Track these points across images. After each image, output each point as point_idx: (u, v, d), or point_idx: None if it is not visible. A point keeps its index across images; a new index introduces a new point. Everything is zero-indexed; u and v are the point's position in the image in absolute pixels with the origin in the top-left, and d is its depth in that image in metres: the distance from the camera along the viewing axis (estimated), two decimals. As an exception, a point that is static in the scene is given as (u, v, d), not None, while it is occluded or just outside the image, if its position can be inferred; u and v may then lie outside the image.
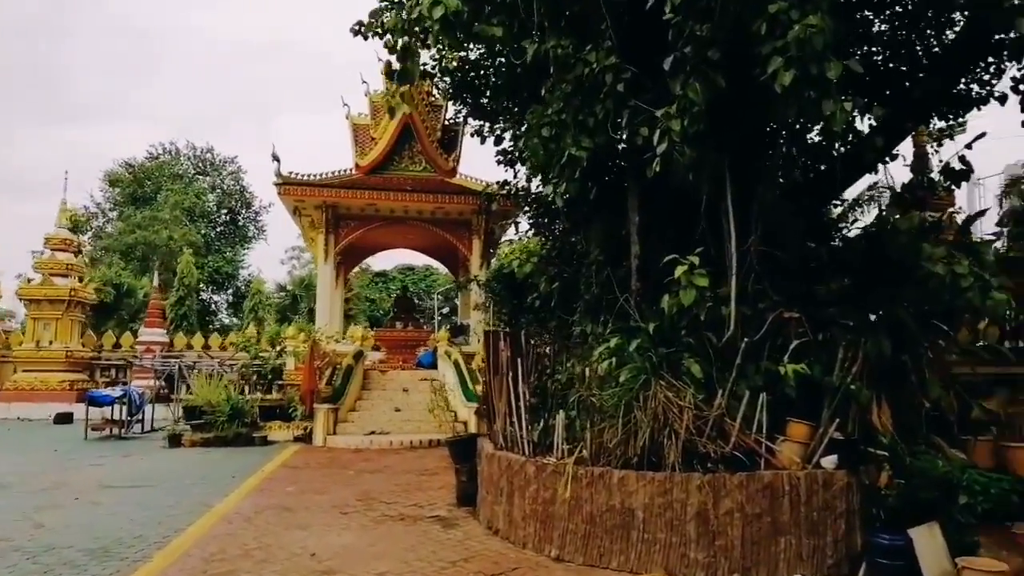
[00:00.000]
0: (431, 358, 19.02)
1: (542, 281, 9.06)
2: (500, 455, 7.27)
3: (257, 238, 58.31)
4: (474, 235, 19.14)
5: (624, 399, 6.03)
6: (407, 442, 13.87)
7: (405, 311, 21.46)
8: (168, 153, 56.65)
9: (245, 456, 12.99)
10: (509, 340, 7.82)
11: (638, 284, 7.94)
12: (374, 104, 19.72)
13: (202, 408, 15.16)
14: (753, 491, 5.67)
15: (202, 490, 9.55)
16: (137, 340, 22.95)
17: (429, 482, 10.11)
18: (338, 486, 9.82)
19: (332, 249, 18.54)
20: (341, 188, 17.73)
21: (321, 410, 14.60)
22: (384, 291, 54.39)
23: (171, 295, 37.83)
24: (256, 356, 16.56)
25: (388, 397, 16.24)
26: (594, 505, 6.07)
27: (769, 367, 6.19)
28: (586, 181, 8.08)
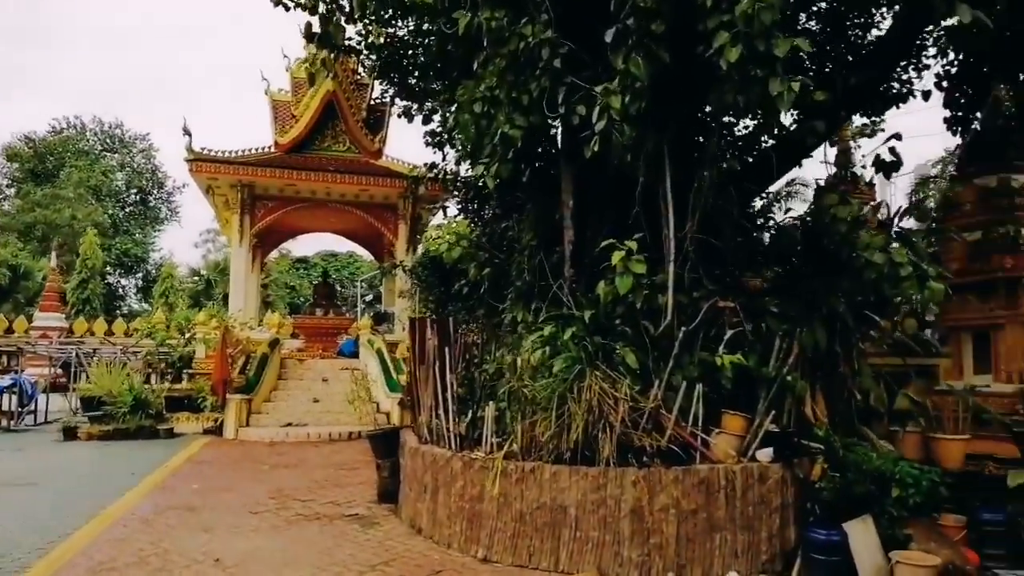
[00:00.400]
0: (353, 347, 18.36)
1: (471, 267, 8.65)
2: (425, 449, 6.86)
3: (170, 220, 55.75)
4: (400, 220, 18.47)
5: (558, 390, 5.71)
6: (326, 435, 13.25)
7: (326, 297, 20.63)
8: (73, 128, 53.32)
9: (148, 450, 12.11)
10: (437, 328, 7.40)
11: (572, 271, 7.64)
12: (295, 80, 18.78)
13: (102, 399, 14.10)
14: (689, 486, 5.46)
15: (97, 489, 8.75)
16: (32, 325, 21.35)
17: (348, 477, 9.59)
18: (249, 482, 9.18)
19: (248, 231, 17.56)
20: (258, 166, 16.75)
21: (233, 401, 13.79)
22: (305, 278, 52.84)
23: (73, 278, 35.55)
24: (162, 343, 15.52)
25: (306, 387, 15.53)
26: (524, 502, 5.74)
27: (705, 358, 5.99)
28: (519, 162, 7.72)
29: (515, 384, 6.17)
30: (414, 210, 18.44)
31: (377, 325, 18.16)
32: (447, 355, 7.05)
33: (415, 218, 18.54)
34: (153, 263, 51.62)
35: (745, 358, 5.98)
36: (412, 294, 14.65)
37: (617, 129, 5.55)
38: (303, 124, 17.84)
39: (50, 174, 49.25)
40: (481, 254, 8.48)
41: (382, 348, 15.39)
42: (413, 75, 13.79)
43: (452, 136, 11.43)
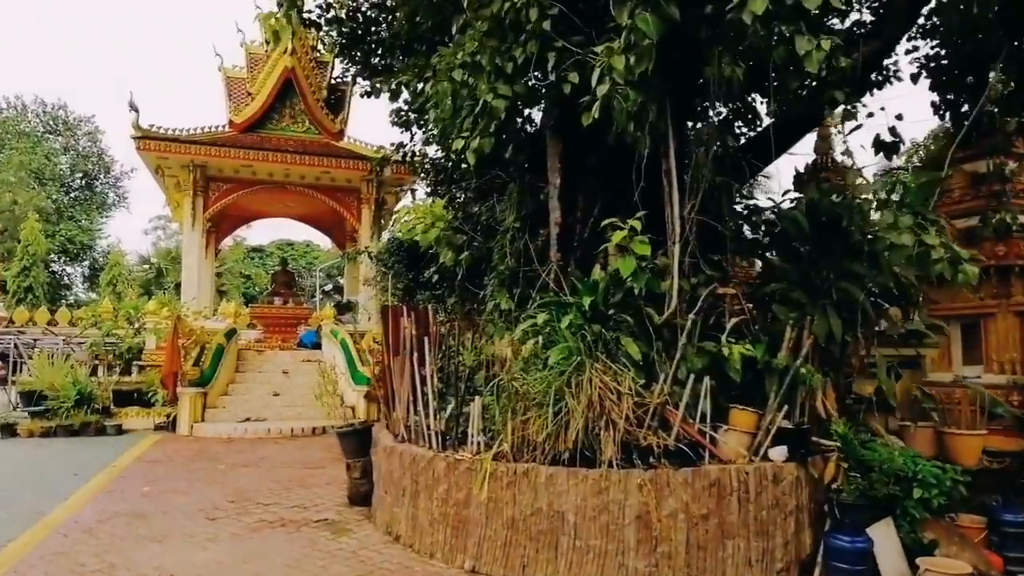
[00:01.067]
0: (314, 337, 17.56)
1: (446, 251, 8.04)
2: (402, 449, 6.26)
3: (117, 206, 53.47)
4: (364, 204, 17.66)
5: (554, 384, 5.18)
6: (287, 430, 12.53)
7: (285, 286, 19.71)
8: (13, 108, 50.69)
9: (94, 448, 11.25)
10: (414, 315, 6.79)
11: (558, 255, 7.12)
12: (251, 56, 17.79)
13: (43, 392, 13.12)
14: (699, 489, 4.98)
15: (35, 493, 7.95)
16: (-33, 314, 20.01)
17: (314, 477, 8.93)
18: (205, 484, 8.46)
19: (201, 214, 16.57)
20: (211, 146, 15.79)
21: (187, 395, 12.95)
22: (261, 267, 51.40)
23: (14, 265, 33.77)
24: (109, 333, 14.53)
25: (266, 380, 14.73)
26: (517, 508, 5.20)
27: (711, 348, 5.52)
28: (501, 135, 7.15)
29: (504, 377, 5.61)
30: (378, 194, 17.65)
31: (340, 315, 17.38)
32: (426, 345, 6.45)
33: (379, 202, 17.76)
34: (100, 251, 49.55)
35: (752, 348, 5.54)
36: (377, 282, 13.98)
37: (620, 94, 5.01)
38: (259, 102, 16.91)
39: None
40: (458, 237, 7.87)
41: (346, 339, 14.67)
42: (377, 53, 13.10)
43: (421, 114, 10.80)
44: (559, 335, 5.45)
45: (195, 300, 15.48)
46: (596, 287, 5.46)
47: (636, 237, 5.28)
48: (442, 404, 6.56)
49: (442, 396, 6.78)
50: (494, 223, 7.76)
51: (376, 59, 12.80)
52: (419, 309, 7.20)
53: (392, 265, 13.40)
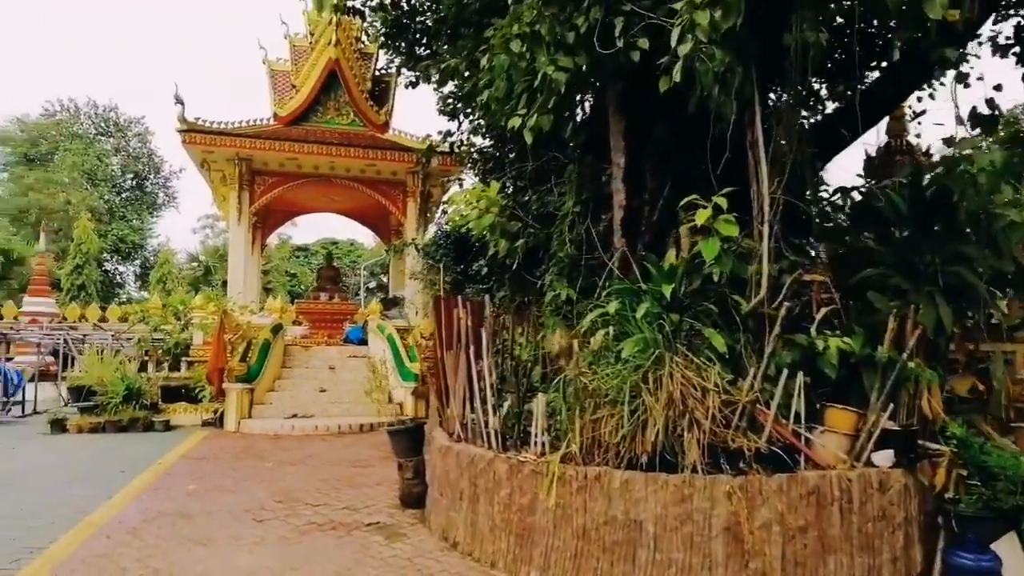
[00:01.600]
0: (360, 333, 17.32)
1: (500, 240, 7.56)
2: (459, 449, 5.82)
3: (167, 206, 54.45)
4: (409, 197, 17.33)
5: (629, 380, 4.67)
6: (335, 427, 12.24)
7: (330, 281, 19.53)
8: (66, 111, 51.92)
9: (141, 445, 11.10)
10: (469, 307, 6.34)
11: (623, 240, 6.61)
12: (295, 48, 17.61)
13: (92, 388, 13.07)
14: (796, 497, 4.43)
15: (81, 491, 7.74)
16: (21, 311, 20.27)
17: (363, 476, 8.56)
18: (252, 482, 8.16)
19: (247, 208, 16.44)
20: (256, 138, 15.62)
21: (234, 391, 12.76)
22: (305, 265, 51.76)
23: (67, 263, 34.46)
24: (156, 328, 14.45)
25: (312, 376, 14.49)
26: (588, 516, 4.71)
27: (803, 340, 4.95)
28: (561, 112, 6.66)
29: (571, 372, 5.12)
30: (424, 186, 17.31)
31: (387, 310, 17.10)
32: (483, 337, 5.99)
33: (425, 195, 17.41)
34: (151, 249, 50.47)
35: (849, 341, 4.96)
36: (424, 276, 13.61)
37: (705, 54, 4.48)
38: (304, 95, 16.70)
39: (43, 158, 48.00)
40: (513, 224, 7.39)
41: (393, 334, 14.34)
42: (421, 42, 12.74)
43: (469, 100, 10.38)
44: (632, 326, 4.94)
45: (241, 295, 15.34)
46: (674, 273, 4.93)
47: (721, 216, 4.73)
48: (498, 401, 6.11)
49: (498, 392, 6.34)
50: (552, 208, 7.27)
51: (421, 48, 12.44)
52: (473, 300, 6.75)
53: (439, 258, 13.02)
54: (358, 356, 15.49)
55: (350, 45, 17.01)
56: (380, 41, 13.63)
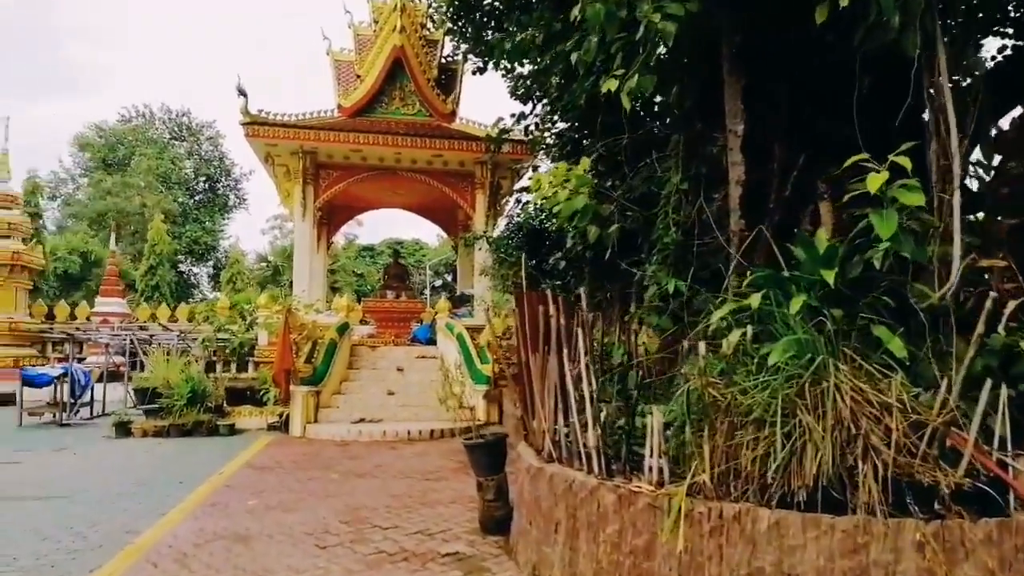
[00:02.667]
0: (428, 332, 16.61)
1: (590, 227, 6.57)
2: (552, 471, 4.89)
3: (238, 207, 55.51)
4: (478, 189, 16.51)
5: (780, 393, 3.64)
6: (404, 433, 11.49)
7: (397, 279, 18.91)
8: (142, 116, 53.46)
9: (204, 450, 10.59)
10: (561, 302, 5.40)
11: (742, 222, 5.55)
12: (359, 37, 17.02)
13: (157, 390, 12.70)
14: (1010, 550, 3.33)
15: (134, 504, 7.15)
16: (93, 311, 20.40)
17: (437, 491, 7.73)
18: (317, 498, 7.42)
19: (311, 203, 15.92)
20: (321, 130, 15.05)
21: (299, 393, 12.17)
22: (372, 265, 51.82)
23: (142, 264, 35.12)
24: (220, 328, 14.03)
25: (380, 378, 13.82)
26: (725, 566, 3.70)
27: (1006, 341, 3.83)
28: (669, 71, 5.68)
29: (695, 382, 4.11)
30: (493, 177, 16.45)
31: (455, 308, 16.31)
32: (580, 338, 5.04)
33: (494, 187, 16.56)
34: (222, 251, 51.41)
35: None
36: (496, 271, 12.76)
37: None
38: (368, 84, 16.07)
39: (121, 163, 49.46)
40: (604, 208, 6.40)
41: (463, 334, 13.54)
42: (489, 25, 11.94)
43: (547, 75, 9.48)
44: (779, 324, 3.90)
45: (306, 293, 14.80)
46: (833, 255, 3.86)
47: (898, 182, 3.65)
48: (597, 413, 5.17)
49: (592, 402, 5.38)
50: (652, 188, 6.25)
51: (488, 31, 11.64)
52: (570, 294, 5.80)
53: (512, 252, 12.14)
54: (427, 357, 14.76)
55: (415, 32, 16.31)
56: (446, 27, 12.90)
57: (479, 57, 11.98)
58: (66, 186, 50.85)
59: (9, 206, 19.43)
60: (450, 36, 12.52)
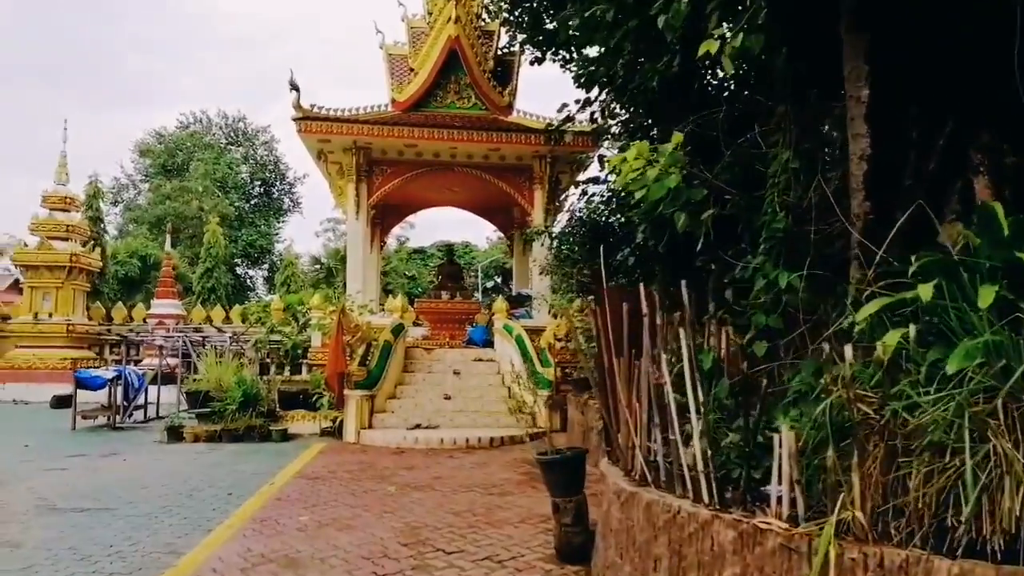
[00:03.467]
0: (484, 334, 15.97)
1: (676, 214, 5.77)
2: (649, 498, 4.13)
3: (292, 211, 56.06)
4: (536, 184, 15.79)
5: (966, 412, 2.82)
6: (462, 440, 10.84)
7: (452, 279, 18.34)
8: (199, 122, 54.48)
9: (255, 457, 10.13)
10: (654, 299, 4.66)
11: (867, 205, 4.69)
12: (413, 30, 16.51)
13: (209, 393, 12.35)
14: None
15: (179, 519, 6.65)
16: (149, 313, 20.39)
17: (502, 508, 7.03)
18: (373, 514, 6.81)
19: (365, 201, 15.43)
20: (375, 125, 14.55)
21: (353, 398, 11.64)
22: (423, 267, 51.64)
23: (198, 267, 35.47)
24: (272, 330, 13.64)
25: (436, 381, 13.23)
26: (891, 629, 2.90)
27: None
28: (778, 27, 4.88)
29: (842, 394, 3.31)
30: (552, 171, 15.71)
31: (512, 309, 15.64)
32: (684, 341, 4.27)
33: (554, 182, 15.82)
34: (278, 254, 51.91)
35: None
36: (558, 269, 12.04)
37: None
38: (422, 78, 15.51)
39: (180, 168, 50.39)
40: (697, 192, 5.59)
41: (522, 336, 12.85)
42: (549, 11, 11.23)
43: (617, 55, 8.73)
44: (954, 322, 3.08)
45: (360, 294, 14.31)
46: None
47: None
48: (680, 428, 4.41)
49: (681, 414, 4.62)
50: (759, 167, 5.43)
51: (548, 17, 10.95)
52: (664, 290, 5.06)
53: (576, 248, 11.40)
54: (484, 359, 14.12)
55: (470, 22, 15.71)
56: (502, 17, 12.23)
57: (536, 48, 11.31)
58: (128, 191, 52.10)
59: (67, 208, 19.57)
60: (506, 27, 11.84)
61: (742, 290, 5.67)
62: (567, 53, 10.84)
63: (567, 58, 10.87)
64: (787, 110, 5.20)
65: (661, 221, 7.98)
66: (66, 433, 12.76)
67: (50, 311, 18.87)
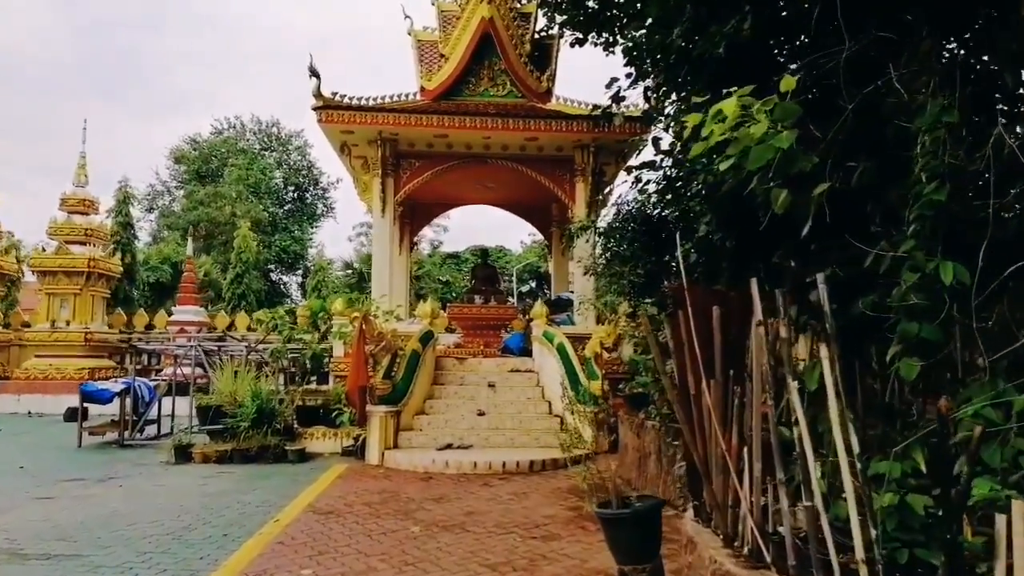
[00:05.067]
0: (521, 342, 14.66)
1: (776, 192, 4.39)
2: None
3: (325, 216, 55.49)
4: (577, 177, 14.39)
5: None
6: (498, 464, 9.53)
7: (487, 282, 17.06)
8: (232, 128, 54.21)
9: (266, 483, 8.97)
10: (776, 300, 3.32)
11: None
12: (443, 14, 15.29)
13: (221, 408, 11.27)
14: None
15: (155, 571, 5.46)
16: (170, 320, 19.53)
17: (548, 559, 5.70)
18: (391, 566, 5.54)
19: (391, 197, 14.22)
20: (402, 113, 13.32)
21: (377, 414, 10.44)
22: (457, 272, 50.57)
23: (229, 273, 34.82)
24: (290, 339, 12.52)
25: (468, 395, 11.96)
26: None
27: None
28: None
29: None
30: (596, 162, 14.31)
31: (552, 315, 14.31)
32: (826, 360, 2.92)
33: (597, 174, 14.43)
34: (311, 259, 51.33)
35: None
36: (607, 269, 10.69)
37: None
38: (453, 63, 14.28)
39: (214, 174, 50.12)
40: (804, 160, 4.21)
41: (564, 344, 11.53)
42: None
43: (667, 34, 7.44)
44: None
45: (386, 298, 13.13)
46: None
47: None
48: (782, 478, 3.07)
49: (786, 462, 3.27)
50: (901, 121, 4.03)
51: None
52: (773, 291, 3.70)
53: (625, 245, 10.05)
54: (521, 371, 12.82)
55: (504, 2, 14.44)
56: None
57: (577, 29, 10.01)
58: (163, 198, 52.00)
59: (86, 211, 18.79)
60: (544, 8, 10.47)
61: (849, 288, 4.33)
62: (610, 35, 9.62)
63: (610, 40, 9.63)
64: (929, 45, 3.81)
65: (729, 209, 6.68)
66: (70, 451, 11.80)
67: (68, 319, 18.06)
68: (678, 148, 9.02)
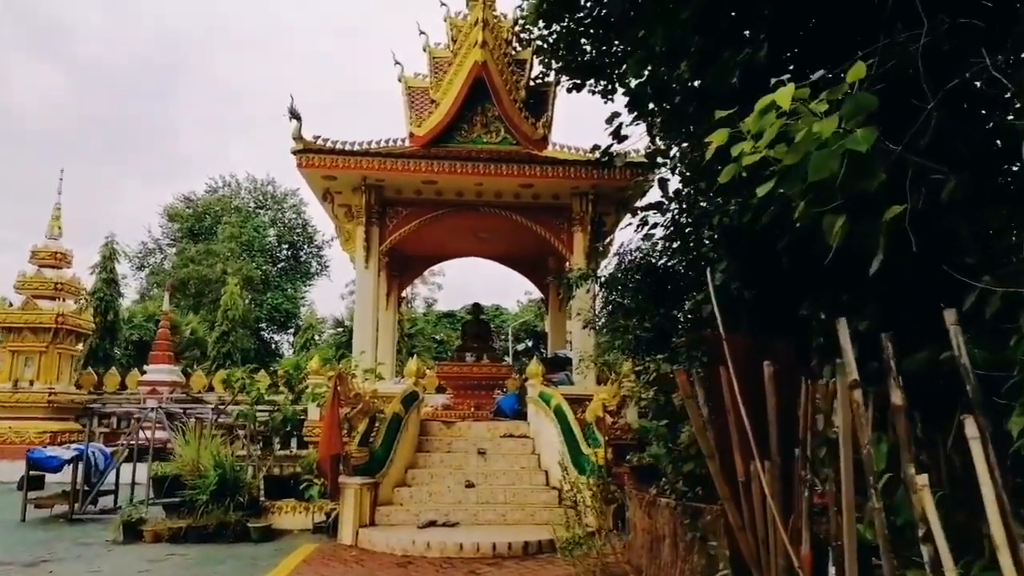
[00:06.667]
0: (515, 403, 13.51)
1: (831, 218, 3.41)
2: None
3: (320, 274, 54.71)
4: (575, 226, 13.45)
5: None
6: (487, 545, 8.33)
7: (477, 339, 15.98)
8: (227, 186, 53.89)
9: (219, 570, 7.76)
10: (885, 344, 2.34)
11: None
12: (435, 60, 14.66)
13: (180, 477, 10.10)
14: None
15: None
16: (141, 379, 18.37)
17: None
18: None
19: (376, 247, 13.25)
20: (387, 157, 12.49)
21: (351, 487, 9.26)
22: (452, 331, 49.50)
23: (214, 331, 33.69)
24: (259, 400, 11.40)
25: (456, 463, 10.76)
26: None
27: None
28: None
29: None
30: (594, 211, 13.43)
31: (549, 374, 13.22)
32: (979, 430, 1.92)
33: (596, 223, 13.54)
34: (303, 317, 50.29)
35: None
36: (610, 323, 9.73)
37: None
38: (445, 108, 13.54)
39: (208, 231, 49.50)
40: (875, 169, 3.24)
41: (562, 406, 10.44)
42: (589, 32, 9.36)
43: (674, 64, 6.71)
44: None
45: (366, 355, 12.06)
46: None
47: None
48: None
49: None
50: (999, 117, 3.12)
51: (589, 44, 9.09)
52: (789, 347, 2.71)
53: (631, 296, 9.11)
54: (515, 436, 11.66)
55: (499, 47, 13.83)
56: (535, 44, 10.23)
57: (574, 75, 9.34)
58: (154, 256, 51.25)
59: (58, 264, 17.82)
60: (539, 56, 9.75)
61: (903, 335, 3.36)
62: (608, 82, 9.03)
63: (608, 88, 9.02)
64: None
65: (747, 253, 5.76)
66: (11, 526, 10.52)
67: (31, 378, 16.90)
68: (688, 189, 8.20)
